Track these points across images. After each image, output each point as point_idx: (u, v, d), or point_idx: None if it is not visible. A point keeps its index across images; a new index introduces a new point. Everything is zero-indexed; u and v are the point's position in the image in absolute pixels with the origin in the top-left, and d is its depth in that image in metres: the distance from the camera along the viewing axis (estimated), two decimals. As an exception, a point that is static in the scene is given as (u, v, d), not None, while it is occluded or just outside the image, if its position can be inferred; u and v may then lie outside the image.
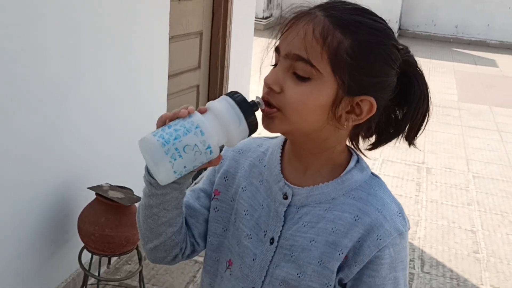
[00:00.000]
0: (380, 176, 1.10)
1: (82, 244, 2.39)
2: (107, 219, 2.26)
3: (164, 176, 0.88)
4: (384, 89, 0.93)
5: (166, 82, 3.24)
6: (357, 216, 0.95)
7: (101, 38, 2.53)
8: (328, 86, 0.90)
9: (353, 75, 0.89)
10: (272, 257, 1.01)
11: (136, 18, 2.82)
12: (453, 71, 8.71)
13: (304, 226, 0.98)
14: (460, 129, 5.76)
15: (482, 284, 3.08)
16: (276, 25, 0.96)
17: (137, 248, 2.44)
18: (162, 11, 3.08)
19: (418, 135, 0.99)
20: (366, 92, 0.91)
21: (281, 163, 1.03)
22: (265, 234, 1.02)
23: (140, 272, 2.48)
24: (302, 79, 0.90)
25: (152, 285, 2.77)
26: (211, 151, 0.88)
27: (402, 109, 0.98)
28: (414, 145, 1.01)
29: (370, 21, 0.91)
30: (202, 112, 0.90)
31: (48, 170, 2.33)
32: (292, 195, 0.99)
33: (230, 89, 4.35)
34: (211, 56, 4.19)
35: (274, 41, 0.96)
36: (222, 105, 0.90)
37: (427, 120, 0.97)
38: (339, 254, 0.95)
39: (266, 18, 10.78)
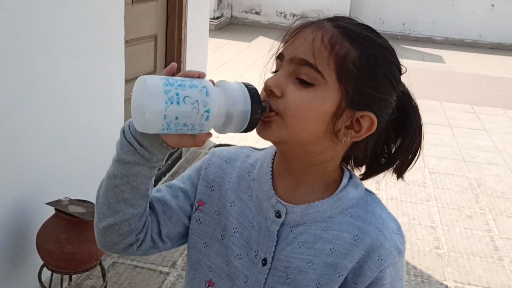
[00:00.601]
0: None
1: (42, 262, 2.28)
2: (68, 236, 2.16)
3: (153, 116, 0.79)
4: (385, 109, 0.91)
5: (123, 88, 3.14)
6: (357, 235, 0.91)
7: (54, 44, 2.42)
8: (331, 95, 0.87)
9: (357, 87, 0.87)
10: (266, 279, 0.95)
11: (91, 23, 2.71)
12: (403, 68, 8.85)
13: (300, 246, 0.93)
14: (414, 126, 5.84)
15: (445, 280, 3.13)
16: (285, 32, 0.94)
17: (100, 263, 2.35)
18: (117, 15, 2.98)
19: (409, 168, 0.98)
20: (368, 108, 0.89)
21: (273, 179, 0.98)
22: (257, 255, 0.96)
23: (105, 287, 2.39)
24: (305, 84, 0.87)
25: (116, 300, 2.68)
26: (207, 117, 0.82)
27: (395, 140, 0.96)
28: (403, 178, 0.99)
29: (377, 37, 0.90)
30: (212, 83, 0.86)
31: (1, 186, 2.21)
32: (286, 213, 0.94)
33: (187, 92, 4.26)
34: (166, 60, 4.11)
35: (275, 48, 0.95)
36: (234, 86, 0.86)
37: (419, 155, 0.96)
38: (339, 276, 0.91)
39: (217, 18, 10.71)
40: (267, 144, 0.98)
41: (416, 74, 8.68)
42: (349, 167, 1.00)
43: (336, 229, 0.92)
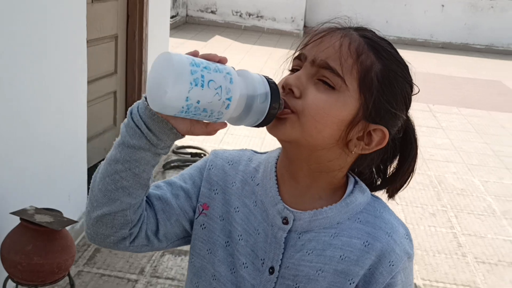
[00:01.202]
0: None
1: (7, 274, 2.17)
2: (35, 246, 2.06)
3: (175, 95, 0.74)
4: (396, 126, 0.91)
5: (85, 90, 3.03)
6: (367, 241, 0.90)
7: (15, 46, 2.30)
8: (351, 102, 0.86)
9: (376, 100, 0.87)
10: None
11: (52, 22, 2.60)
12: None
13: (309, 254, 0.91)
14: (373, 125, 5.93)
15: (413, 278, 3.16)
16: (307, 35, 0.93)
17: (68, 274, 2.25)
18: (78, 14, 2.87)
19: (401, 190, 0.99)
20: (381, 122, 0.88)
21: (278, 184, 0.95)
22: (263, 263, 0.93)
23: (74, 299, 2.30)
24: (326, 87, 0.86)
25: (84, 310, 2.58)
26: (228, 106, 0.78)
27: (392, 160, 0.97)
28: (394, 198, 1.00)
29: (397, 54, 0.91)
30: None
31: (-38, 195, 2.09)
32: (294, 220, 0.91)
33: (149, 94, 4.17)
34: (127, 61, 4.01)
35: (292, 51, 0.94)
36: (256, 77, 0.83)
37: (411, 178, 0.98)
38: (350, 284, 0.89)
39: (172, 17, 10.57)
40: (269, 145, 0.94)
41: (372, 73, 8.80)
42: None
43: (345, 235, 0.91)
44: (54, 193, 2.74)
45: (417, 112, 6.98)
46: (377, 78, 0.87)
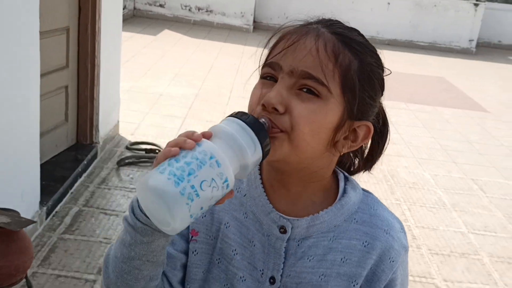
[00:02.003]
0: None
1: (-41, 278, 2.06)
2: (-8, 248, 1.97)
3: (180, 223, 0.71)
4: (374, 114, 0.91)
5: (38, 83, 2.92)
6: (366, 241, 0.90)
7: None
8: (336, 106, 0.84)
9: (359, 98, 0.85)
10: None
11: (2, 13, 2.48)
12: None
13: (310, 260, 0.90)
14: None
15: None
16: (273, 37, 0.88)
17: (26, 277, 2.16)
18: (31, 4, 2.76)
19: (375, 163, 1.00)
20: (365, 117, 0.87)
21: (266, 191, 0.92)
22: (262, 274, 0.91)
23: (32, 302, 2.21)
24: (310, 96, 0.82)
25: (40, 313, 2.49)
26: (227, 185, 0.74)
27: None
28: (371, 171, 1.01)
29: (367, 43, 0.89)
30: (208, 137, 0.76)
31: None
32: (291, 228, 0.90)
33: (102, 89, 4.06)
34: (79, 54, 3.89)
35: (260, 50, 0.89)
36: (232, 128, 0.76)
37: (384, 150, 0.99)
38: (354, 286, 0.90)
39: (119, 10, 10.34)
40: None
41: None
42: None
43: (344, 237, 0.90)
44: (6, 192, 2.62)
45: (367, 107, 7.11)
46: (357, 76, 0.84)
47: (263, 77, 0.87)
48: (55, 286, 2.68)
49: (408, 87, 8.27)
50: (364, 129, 0.88)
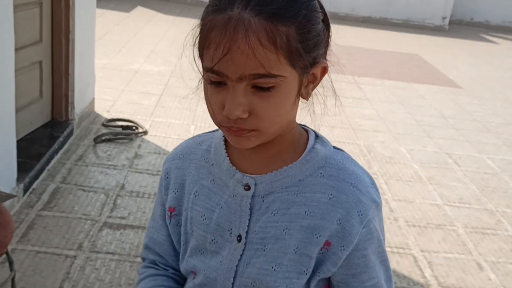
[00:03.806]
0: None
1: None
2: (-29, 223, 1.93)
3: None
4: (324, 39, 0.88)
5: (13, 58, 2.86)
6: (331, 194, 0.89)
7: None
8: (292, 82, 0.84)
9: (307, 55, 0.84)
10: (241, 255, 0.92)
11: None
12: None
13: (274, 215, 0.90)
14: (302, 96, 6.01)
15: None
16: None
17: (7, 252, 2.13)
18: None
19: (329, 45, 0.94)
20: (317, 60, 0.87)
21: (229, 156, 0.94)
22: (231, 233, 0.93)
23: (13, 279, 2.18)
24: (266, 89, 0.81)
25: (21, 289, 2.46)
26: None
27: None
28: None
29: None
30: None
31: None
32: (255, 184, 0.91)
33: (77, 65, 4.00)
34: (53, 29, 3.81)
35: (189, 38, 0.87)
36: None
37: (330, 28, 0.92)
38: (317, 238, 0.89)
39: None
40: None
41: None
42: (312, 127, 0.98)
43: (308, 191, 0.90)
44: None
45: (343, 84, 7.12)
46: (298, 41, 0.81)
47: (211, 81, 0.84)
48: (35, 262, 2.66)
49: (382, 64, 8.33)
50: (320, 68, 0.88)
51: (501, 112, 6.52)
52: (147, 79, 5.89)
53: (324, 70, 0.89)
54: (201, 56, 0.84)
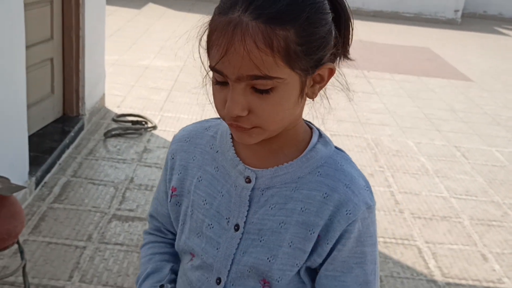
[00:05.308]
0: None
1: (-48, 244, 2.11)
2: (-17, 213, 2.01)
3: None
4: (331, 41, 0.88)
5: (24, 55, 2.93)
6: (326, 193, 0.93)
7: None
8: (293, 84, 0.86)
9: (309, 58, 0.85)
10: (238, 244, 0.97)
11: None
12: None
13: (272, 208, 0.95)
14: (311, 91, 6.03)
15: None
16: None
17: (18, 242, 2.21)
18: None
19: (350, 45, 0.95)
20: (323, 62, 0.88)
21: (234, 146, 0.98)
22: (228, 221, 0.97)
23: (24, 267, 2.26)
24: (265, 91, 0.84)
25: (32, 278, 2.54)
26: None
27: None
28: (349, 57, 0.96)
29: None
30: None
31: None
32: (256, 178, 0.95)
33: (87, 61, 4.08)
34: (64, 26, 3.89)
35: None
36: None
37: (353, 28, 0.93)
38: (311, 234, 0.93)
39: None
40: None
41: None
42: (316, 125, 1.01)
43: (306, 188, 0.94)
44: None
45: (353, 78, 7.13)
46: (298, 44, 0.82)
47: (217, 81, 0.88)
48: (46, 253, 2.74)
49: (392, 58, 8.32)
50: (327, 70, 0.90)
51: (512, 105, 6.50)
52: (157, 74, 5.97)
53: (331, 72, 0.90)
54: (208, 55, 0.88)
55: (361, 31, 10.00)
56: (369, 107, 5.75)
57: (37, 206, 3.12)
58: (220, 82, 0.86)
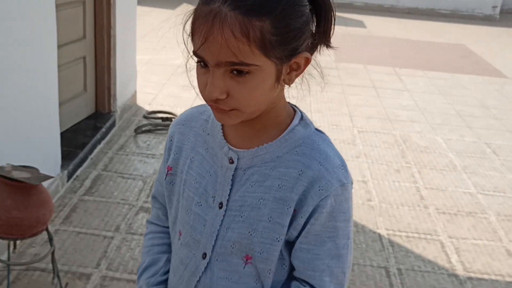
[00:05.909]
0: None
1: (-14, 230, 2.24)
2: (14, 201, 2.13)
3: None
4: (308, 32, 0.93)
5: (55, 53, 3.07)
6: (301, 170, 0.99)
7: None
8: (268, 71, 0.92)
9: (283, 47, 0.91)
10: (222, 221, 1.04)
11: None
12: None
13: (252, 186, 1.02)
14: (341, 88, 6.06)
15: (378, 229, 3.33)
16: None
17: (47, 229, 2.33)
18: (45, -22, 2.89)
19: (331, 35, 0.99)
20: (299, 51, 0.93)
21: (223, 129, 1.06)
22: (214, 200, 1.05)
23: (53, 253, 2.38)
24: (242, 74, 0.90)
25: (62, 265, 2.67)
26: None
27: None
28: (331, 46, 1.00)
29: None
30: None
31: None
32: (238, 159, 1.03)
33: (118, 60, 4.21)
34: (96, 26, 4.03)
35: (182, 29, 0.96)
36: None
37: (335, 18, 0.97)
38: (287, 209, 0.99)
39: (139, -15, 10.43)
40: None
41: (340, 38, 8.90)
42: (300, 108, 1.07)
43: (283, 166, 1.00)
44: (29, 157, 2.79)
45: (383, 75, 7.13)
46: (273, 34, 0.88)
47: (199, 62, 0.95)
48: (75, 242, 2.86)
49: (425, 55, 8.24)
50: (303, 59, 0.96)
51: (547, 101, 6.37)
52: (189, 73, 6.07)
53: (307, 60, 0.96)
54: (192, 40, 0.96)
55: (396, 29, 9.94)
56: (399, 104, 5.73)
57: (69, 198, 3.26)
58: (201, 63, 0.93)
